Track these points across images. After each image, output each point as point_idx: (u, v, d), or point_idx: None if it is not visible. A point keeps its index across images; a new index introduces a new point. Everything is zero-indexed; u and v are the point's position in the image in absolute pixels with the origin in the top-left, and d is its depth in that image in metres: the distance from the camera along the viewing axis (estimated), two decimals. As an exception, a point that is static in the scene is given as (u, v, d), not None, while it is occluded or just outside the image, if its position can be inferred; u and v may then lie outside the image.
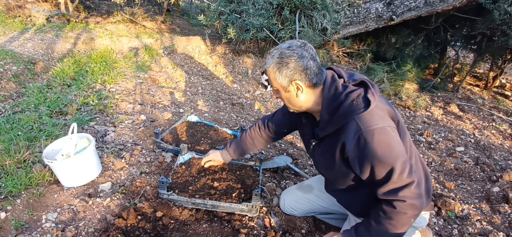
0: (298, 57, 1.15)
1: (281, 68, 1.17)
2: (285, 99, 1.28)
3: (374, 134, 1.08)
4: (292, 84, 1.19)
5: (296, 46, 1.17)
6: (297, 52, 1.16)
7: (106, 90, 3.15)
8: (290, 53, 1.16)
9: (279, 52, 1.18)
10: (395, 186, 1.10)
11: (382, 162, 1.08)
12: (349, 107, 1.13)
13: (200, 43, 5.04)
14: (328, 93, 1.19)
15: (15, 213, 1.58)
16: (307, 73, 1.16)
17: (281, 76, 1.18)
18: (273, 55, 1.20)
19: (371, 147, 1.08)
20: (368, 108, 1.10)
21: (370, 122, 1.09)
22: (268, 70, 1.23)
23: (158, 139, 2.26)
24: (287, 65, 1.16)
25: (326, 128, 1.21)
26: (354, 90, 1.16)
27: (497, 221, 1.91)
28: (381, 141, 1.08)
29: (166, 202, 1.72)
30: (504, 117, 3.65)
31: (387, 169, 1.09)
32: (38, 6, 5.70)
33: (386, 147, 1.08)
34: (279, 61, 1.17)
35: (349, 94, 1.15)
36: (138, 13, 5.94)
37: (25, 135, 2.17)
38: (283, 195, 1.79)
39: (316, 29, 4.22)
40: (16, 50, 3.78)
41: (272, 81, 1.24)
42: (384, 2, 4.31)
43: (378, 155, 1.08)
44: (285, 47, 1.18)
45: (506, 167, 2.56)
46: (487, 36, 3.86)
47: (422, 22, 4.47)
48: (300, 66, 1.15)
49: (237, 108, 3.41)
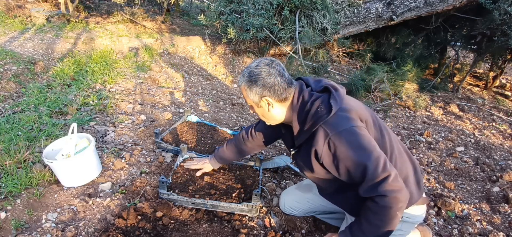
0: (266, 75, 1.21)
1: (251, 86, 1.24)
2: (259, 114, 1.35)
3: (341, 136, 1.12)
4: (263, 100, 1.25)
5: (263, 64, 1.23)
6: (264, 70, 1.22)
7: (106, 90, 3.15)
8: (258, 72, 1.22)
9: (249, 71, 1.24)
10: (373, 182, 1.11)
11: (354, 161, 1.11)
12: (314, 114, 1.18)
13: (200, 43, 5.04)
14: (297, 104, 1.25)
15: (15, 213, 1.58)
16: (276, 89, 1.22)
17: (252, 93, 1.25)
18: (243, 74, 1.26)
19: (341, 149, 1.12)
20: (330, 113, 1.14)
21: (335, 126, 1.14)
22: (241, 88, 1.29)
23: (158, 139, 2.26)
24: (256, 83, 1.22)
25: (299, 137, 1.26)
26: (318, 97, 1.21)
27: (497, 221, 1.91)
28: (350, 141, 1.12)
29: (166, 202, 1.72)
30: (504, 117, 3.65)
31: (361, 168, 1.11)
32: (38, 6, 5.70)
33: (355, 146, 1.11)
34: (248, 79, 1.24)
35: (314, 102, 1.20)
36: (138, 13, 5.94)
37: (25, 135, 2.17)
38: (283, 195, 1.80)
39: (316, 29, 4.22)
40: (16, 50, 3.78)
41: (246, 98, 1.30)
42: (384, 2, 4.31)
43: (349, 156, 1.12)
44: (254, 66, 1.25)
45: (506, 167, 2.56)
46: (487, 36, 3.86)
47: (422, 22, 4.47)
48: (268, 84, 1.21)
49: (237, 108, 3.41)
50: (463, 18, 4.21)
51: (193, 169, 1.93)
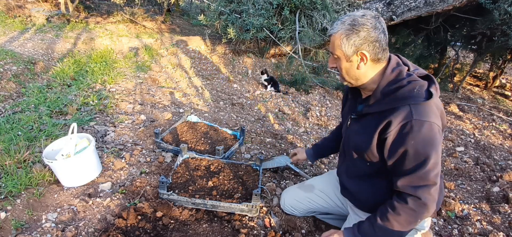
0: (371, 27, 1.11)
1: (350, 36, 1.12)
2: (343, 69, 1.21)
3: (422, 126, 1.05)
4: (357, 54, 1.15)
5: (370, 16, 1.13)
6: (371, 22, 1.11)
7: (106, 90, 3.15)
8: (363, 21, 1.11)
9: (352, 18, 1.13)
10: (418, 183, 1.09)
11: (418, 153, 1.07)
12: (409, 92, 1.10)
13: (200, 43, 5.04)
14: (391, 74, 1.16)
15: (15, 213, 1.58)
16: (376, 46, 1.13)
17: (348, 44, 1.13)
18: (344, 21, 1.14)
19: (414, 136, 1.06)
20: (427, 99, 1.07)
21: (424, 114, 1.06)
22: (334, 36, 1.16)
23: (158, 139, 2.26)
24: (358, 33, 1.11)
25: (374, 106, 1.17)
26: (417, 79, 1.13)
27: (497, 221, 1.91)
28: (427, 134, 1.06)
29: (166, 202, 1.72)
30: (504, 117, 3.65)
31: (418, 161, 1.07)
32: (38, 6, 5.70)
33: (428, 141, 1.06)
34: (350, 27, 1.12)
35: (413, 82, 1.12)
36: (138, 13, 5.94)
37: (25, 135, 2.17)
38: (283, 194, 1.79)
39: (316, 29, 4.22)
40: (16, 50, 3.78)
41: (335, 48, 1.17)
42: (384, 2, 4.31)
43: (417, 146, 1.06)
44: (359, 15, 1.13)
45: (506, 167, 2.56)
46: (487, 36, 3.86)
47: (422, 22, 4.47)
48: (371, 37, 1.11)
49: (237, 108, 3.41)
50: (463, 18, 4.21)
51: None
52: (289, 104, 3.63)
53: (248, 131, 2.78)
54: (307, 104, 3.67)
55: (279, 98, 3.72)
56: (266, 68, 4.63)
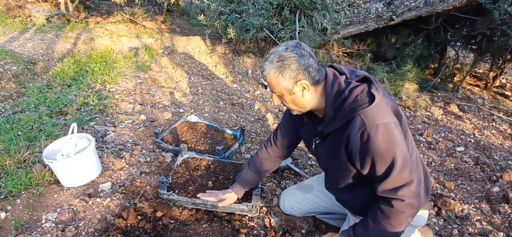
0: (298, 57, 1.13)
1: (284, 71, 1.14)
2: (290, 102, 1.24)
3: (378, 129, 1.07)
4: (297, 85, 1.16)
5: (293, 47, 1.15)
6: (296, 52, 1.14)
7: (106, 90, 3.15)
8: (289, 54, 1.13)
9: (278, 55, 1.15)
10: (395, 185, 1.10)
11: (384, 157, 1.08)
12: (353, 102, 1.11)
13: (200, 43, 5.04)
14: (332, 90, 1.17)
15: (15, 213, 1.58)
16: (310, 71, 1.14)
17: (285, 79, 1.15)
18: (271, 60, 1.16)
19: (374, 142, 1.07)
20: (372, 103, 1.08)
21: (374, 117, 1.08)
22: (269, 77, 1.18)
23: (158, 139, 2.26)
24: (289, 67, 1.13)
25: (331, 124, 1.19)
26: (358, 85, 1.14)
27: (497, 221, 1.91)
28: (385, 136, 1.07)
29: (166, 202, 1.72)
30: (504, 117, 3.65)
31: (387, 165, 1.09)
32: (38, 6, 5.69)
33: (389, 143, 1.07)
34: (280, 64, 1.14)
35: (353, 90, 1.13)
36: (138, 13, 5.94)
37: (25, 135, 2.17)
38: (283, 195, 1.79)
39: (316, 29, 4.21)
40: (16, 50, 3.78)
41: (275, 86, 1.20)
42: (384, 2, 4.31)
43: (380, 150, 1.07)
44: (282, 49, 1.15)
45: (506, 167, 2.56)
46: (487, 36, 3.86)
47: (422, 22, 4.46)
48: (302, 65, 1.13)
49: (237, 108, 3.41)
50: (463, 18, 4.20)
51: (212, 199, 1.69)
52: (289, 104, 3.63)
53: (248, 131, 2.78)
54: (307, 104, 3.66)
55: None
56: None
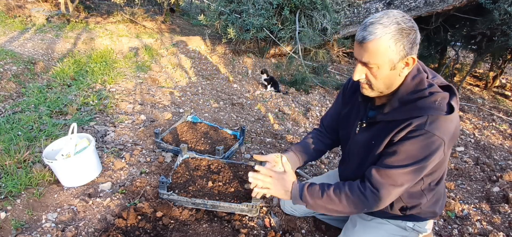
0: (416, 29, 1.01)
1: (401, 39, 0.99)
2: (381, 78, 1.07)
3: (430, 139, 1.01)
4: (404, 60, 1.02)
5: (409, 16, 1.02)
6: (413, 23, 1.01)
7: (106, 90, 3.15)
8: (408, 23, 1.00)
9: (395, 20, 0.98)
10: (386, 180, 1.08)
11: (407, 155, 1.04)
12: (430, 103, 1.02)
13: (200, 43, 5.04)
14: (411, 82, 1.07)
15: (15, 213, 1.58)
16: (418, 48, 1.03)
17: (397, 49, 0.99)
18: (385, 24, 0.98)
19: (415, 141, 1.02)
20: (449, 114, 1.01)
21: (439, 128, 1.00)
22: (378, 42, 0.99)
23: (158, 139, 2.26)
24: (408, 36, 0.99)
25: (390, 114, 1.10)
26: (440, 91, 1.05)
27: (497, 221, 1.91)
28: (428, 146, 1.01)
29: (166, 202, 1.72)
30: (504, 117, 3.65)
31: (402, 162, 1.05)
32: (38, 6, 5.70)
33: (424, 151, 1.02)
34: (399, 30, 0.98)
35: (434, 93, 1.04)
36: (138, 13, 5.94)
37: (25, 135, 2.17)
38: None
39: (316, 29, 4.22)
40: (16, 50, 3.78)
41: (378, 55, 1.01)
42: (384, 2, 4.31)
43: (412, 149, 1.03)
44: (399, 15, 1.00)
45: (506, 167, 2.56)
46: (487, 36, 3.86)
47: (422, 22, 4.47)
48: (416, 39, 1.01)
49: (237, 108, 3.41)
50: (463, 18, 4.21)
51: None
52: (289, 104, 3.63)
53: (248, 131, 2.78)
54: (307, 104, 3.67)
55: (279, 98, 3.72)
56: (266, 68, 4.64)
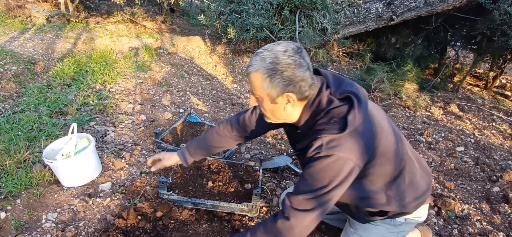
0: (296, 66, 0.98)
1: (274, 77, 0.98)
2: (268, 110, 1.10)
3: (327, 158, 0.99)
4: (283, 96, 1.02)
5: (293, 51, 0.98)
6: (295, 60, 0.98)
7: (106, 90, 3.15)
8: (286, 60, 0.97)
9: (273, 55, 0.98)
10: (297, 205, 1.04)
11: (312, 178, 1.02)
12: (324, 124, 1.01)
13: (200, 43, 5.04)
14: (311, 107, 1.06)
15: (15, 213, 1.58)
16: (302, 85, 1.00)
17: (272, 85, 1.00)
18: (264, 58, 0.99)
19: (315, 164, 1.00)
20: (340, 132, 0.98)
21: (334, 147, 0.98)
22: (255, 76, 1.01)
23: (158, 139, 2.26)
24: (281, 74, 0.98)
25: (302, 141, 1.11)
26: (338, 106, 1.02)
27: (497, 221, 1.91)
28: (329, 167, 0.99)
29: (166, 202, 1.72)
30: (504, 117, 3.65)
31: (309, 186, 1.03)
32: (38, 6, 5.69)
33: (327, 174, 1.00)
34: (272, 67, 0.98)
35: (331, 111, 1.02)
36: (138, 13, 5.93)
37: (25, 135, 2.17)
38: (283, 195, 1.79)
39: (316, 29, 4.22)
40: (16, 50, 3.78)
41: (256, 88, 1.03)
42: (384, 2, 4.31)
43: (314, 172, 1.01)
44: (281, 50, 0.98)
45: (506, 167, 2.56)
46: (487, 36, 3.86)
47: (422, 22, 4.47)
48: (297, 77, 0.98)
49: (237, 108, 3.41)
50: (463, 18, 4.21)
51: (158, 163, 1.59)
52: (289, 104, 3.63)
53: (248, 131, 2.78)
54: (307, 104, 3.66)
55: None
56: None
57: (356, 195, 1.21)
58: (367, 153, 1.05)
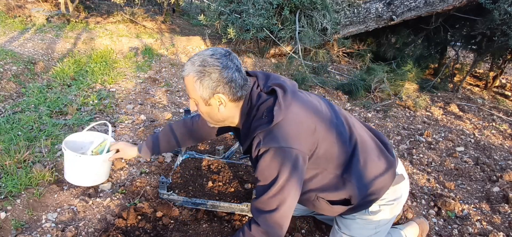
0: (222, 68, 1.03)
1: (203, 78, 1.03)
2: (204, 113, 1.14)
3: (267, 152, 1.03)
4: (214, 97, 1.07)
5: (220, 55, 1.05)
6: (222, 62, 1.04)
7: (106, 90, 3.15)
8: (213, 62, 1.03)
9: (201, 59, 1.04)
10: (261, 207, 1.07)
11: (263, 177, 1.06)
12: (257, 121, 1.06)
13: (200, 43, 5.04)
14: (246, 107, 1.11)
15: (15, 213, 1.58)
16: (232, 86, 1.05)
17: (202, 87, 1.05)
18: (193, 62, 1.05)
19: (260, 162, 1.04)
20: (270, 124, 1.02)
21: (270, 140, 1.03)
22: (187, 79, 1.06)
23: (158, 139, 2.26)
24: (210, 75, 1.03)
25: (245, 143, 1.14)
26: (265, 100, 1.08)
27: (497, 221, 1.91)
28: (272, 160, 1.03)
29: (166, 202, 1.72)
30: (504, 117, 3.65)
31: (263, 185, 1.06)
32: (38, 6, 5.70)
33: (273, 167, 1.03)
34: (201, 69, 1.03)
35: (260, 106, 1.07)
36: (138, 13, 5.94)
37: (25, 135, 2.17)
38: None
39: (316, 29, 4.22)
40: (16, 50, 3.78)
41: (191, 91, 1.09)
42: (384, 2, 4.31)
43: (264, 171, 1.05)
44: (208, 54, 1.05)
45: (506, 167, 2.56)
46: (487, 36, 3.86)
47: (422, 22, 4.47)
48: (225, 78, 1.03)
49: (237, 108, 3.41)
50: (463, 18, 4.21)
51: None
52: (289, 104, 3.63)
53: (248, 131, 2.78)
54: (307, 104, 3.66)
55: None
56: (266, 68, 4.64)
57: (313, 186, 1.19)
58: (305, 137, 1.07)
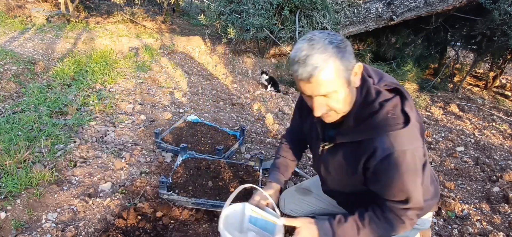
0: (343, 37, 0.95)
1: (344, 56, 0.90)
2: (342, 100, 0.97)
3: (405, 156, 0.95)
4: (354, 70, 0.94)
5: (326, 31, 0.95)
6: (337, 34, 0.94)
7: (106, 90, 3.15)
8: (336, 37, 0.92)
9: (323, 41, 0.89)
10: (403, 206, 1.04)
11: (402, 183, 0.99)
12: (384, 120, 0.96)
13: (200, 43, 5.04)
14: (360, 95, 1.00)
15: (15, 213, 1.58)
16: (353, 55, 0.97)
17: (344, 64, 0.91)
18: (321, 49, 0.88)
19: (398, 169, 0.96)
20: (406, 125, 0.95)
21: (405, 142, 0.95)
22: (328, 71, 0.89)
23: (158, 139, 2.26)
24: (345, 48, 0.91)
25: (348, 135, 1.04)
26: (389, 99, 0.98)
27: (497, 221, 1.91)
28: (409, 164, 0.96)
29: (166, 202, 1.72)
30: (504, 117, 3.65)
31: (402, 191, 1.01)
32: (38, 6, 5.70)
33: (412, 171, 0.97)
34: (336, 49, 0.89)
35: (384, 104, 0.97)
36: (138, 13, 5.93)
37: (25, 135, 2.17)
38: (283, 196, 1.79)
39: (316, 29, 4.21)
40: (16, 50, 3.78)
41: (331, 82, 0.90)
42: (384, 2, 4.31)
43: (400, 177, 0.97)
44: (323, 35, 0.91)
45: (506, 167, 2.56)
46: (487, 36, 3.86)
47: (422, 22, 4.47)
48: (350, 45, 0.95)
49: (237, 108, 3.41)
50: (463, 18, 4.21)
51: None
52: (289, 104, 3.63)
53: (248, 131, 2.78)
54: (307, 104, 3.66)
55: (279, 98, 3.72)
56: (266, 68, 4.63)
57: None
58: (421, 134, 1.05)
